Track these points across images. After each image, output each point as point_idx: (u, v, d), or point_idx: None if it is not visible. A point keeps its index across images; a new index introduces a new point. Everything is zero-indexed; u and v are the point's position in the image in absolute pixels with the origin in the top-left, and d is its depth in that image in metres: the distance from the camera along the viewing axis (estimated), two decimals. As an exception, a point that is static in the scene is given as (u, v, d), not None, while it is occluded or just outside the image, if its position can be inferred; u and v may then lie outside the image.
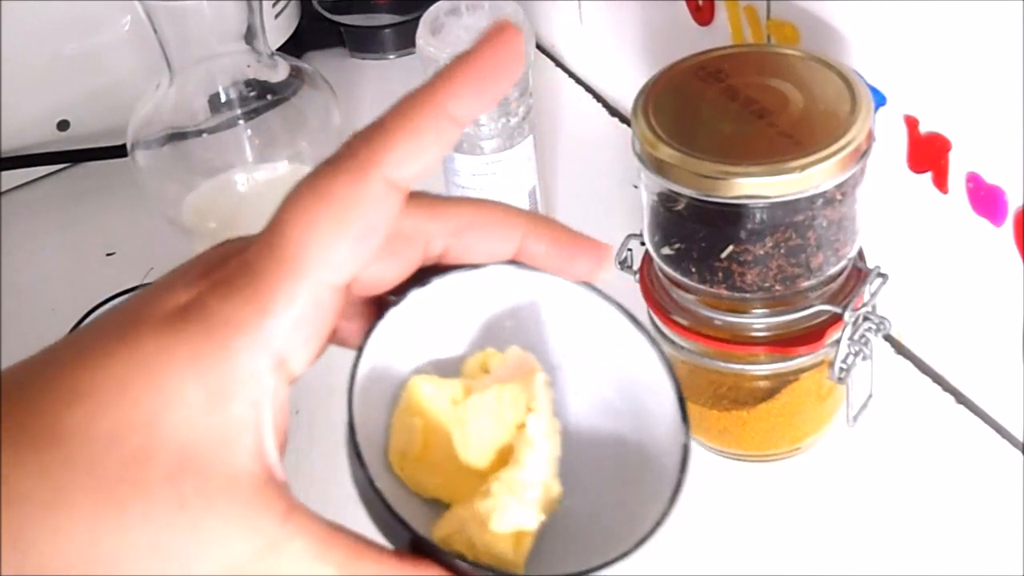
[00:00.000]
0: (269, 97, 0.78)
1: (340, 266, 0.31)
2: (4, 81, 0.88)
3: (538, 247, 0.36)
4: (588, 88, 0.96)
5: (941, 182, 0.63)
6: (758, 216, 0.57)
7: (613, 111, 0.93)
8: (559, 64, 0.99)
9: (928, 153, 0.63)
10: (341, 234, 0.31)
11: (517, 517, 0.35)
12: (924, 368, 0.70)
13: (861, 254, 0.63)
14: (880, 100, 0.64)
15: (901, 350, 0.71)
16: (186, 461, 0.30)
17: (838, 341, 0.61)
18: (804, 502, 0.65)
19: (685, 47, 0.64)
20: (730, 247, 0.58)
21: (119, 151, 0.82)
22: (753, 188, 0.55)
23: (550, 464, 0.37)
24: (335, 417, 0.74)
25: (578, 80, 0.97)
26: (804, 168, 0.55)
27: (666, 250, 0.61)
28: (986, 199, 0.61)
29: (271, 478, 0.31)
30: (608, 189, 0.85)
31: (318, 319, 0.32)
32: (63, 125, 0.92)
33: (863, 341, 0.61)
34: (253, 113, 0.78)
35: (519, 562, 0.36)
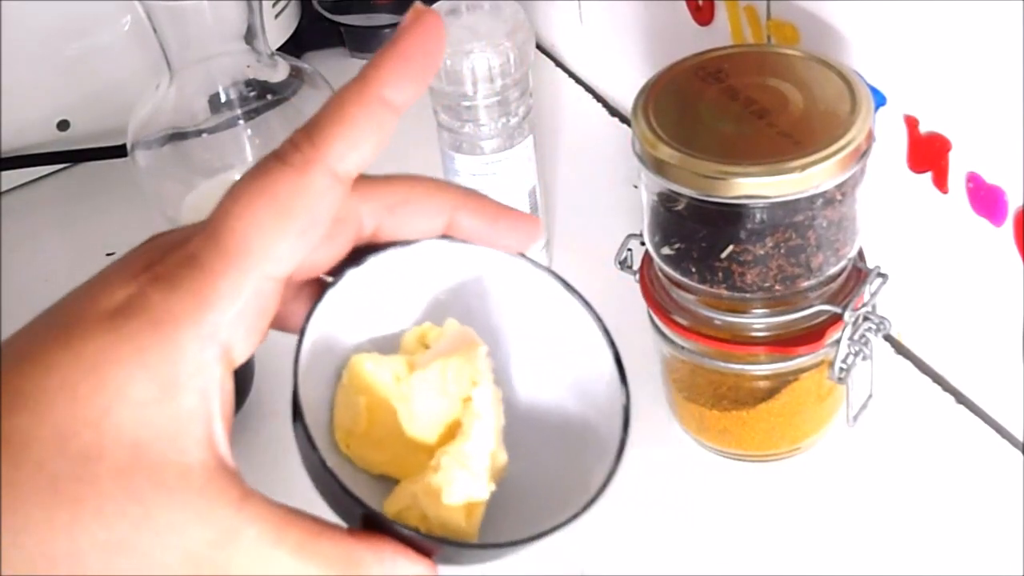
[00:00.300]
0: (269, 97, 0.78)
1: (283, 259, 0.32)
2: (4, 81, 0.88)
3: (468, 221, 0.37)
4: (588, 88, 0.96)
5: (941, 182, 0.63)
6: (758, 216, 0.57)
7: (613, 111, 0.93)
8: (559, 64, 0.99)
9: (928, 153, 0.63)
10: (285, 228, 0.32)
11: (468, 488, 0.36)
12: (924, 368, 0.70)
13: (861, 254, 0.63)
14: (880, 100, 0.64)
15: (901, 350, 0.71)
16: (137, 455, 0.30)
17: (838, 341, 0.61)
18: (804, 502, 0.65)
19: (685, 47, 0.64)
20: (730, 247, 0.58)
21: (119, 151, 0.82)
22: (753, 188, 0.55)
23: (496, 434, 0.38)
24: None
25: (578, 80, 0.97)
26: (804, 168, 0.55)
27: (666, 250, 0.61)
28: (986, 199, 0.61)
29: (223, 467, 0.32)
30: (608, 189, 0.84)
31: (261, 309, 0.32)
32: (63, 125, 0.92)
33: (863, 341, 0.61)
34: (253, 113, 0.78)
35: (472, 532, 0.37)
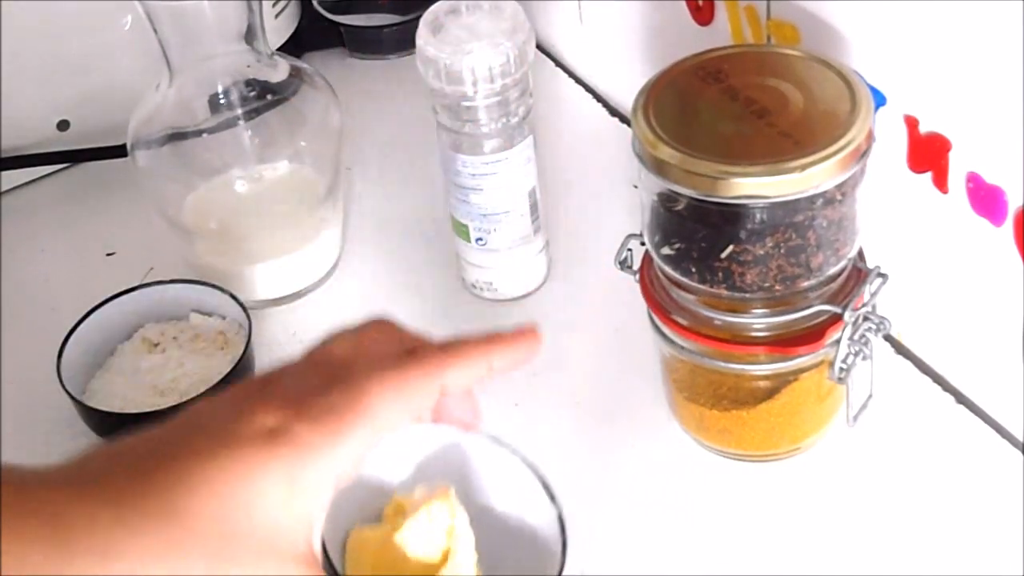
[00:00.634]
0: (269, 97, 0.78)
1: (392, 425, 0.45)
2: (4, 81, 0.88)
3: (500, 363, 0.48)
4: (588, 88, 0.96)
5: (941, 182, 0.63)
6: (758, 216, 0.57)
7: (613, 111, 0.93)
8: (559, 64, 0.99)
9: (928, 153, 0.63)
10: (403, 408, 0.45)
11: None
12: (924, 368, 0.70)
13: (861, 254, 0.63)
14: (880, 100, 0.64)
15: (901, 350, 0.71)
16: (268, 542, 0.42)
17: (838, 341, 0.61)
18: (804, 502, 0.65)
19: (685, 47, 0.64)
20: (730, 247, 0.58)
21: (119, 151, 0.82)
22: (753, 188, 0.55)
23: (473, 550, 0.49)
24: None
25: (578, 80, 0.97)
26: (804, 168, 0.55)
27: (666, 250, 0.61)
28: (986, 199, 0.61)
29: (313, 556, 0.44)
30: (608, 189, 0.84)
31: (365, 451, 0.44)
32: (63, 125, 0.92)
33: (863, 341, 0.61)
34: (253, 113, 0.78)
35: None
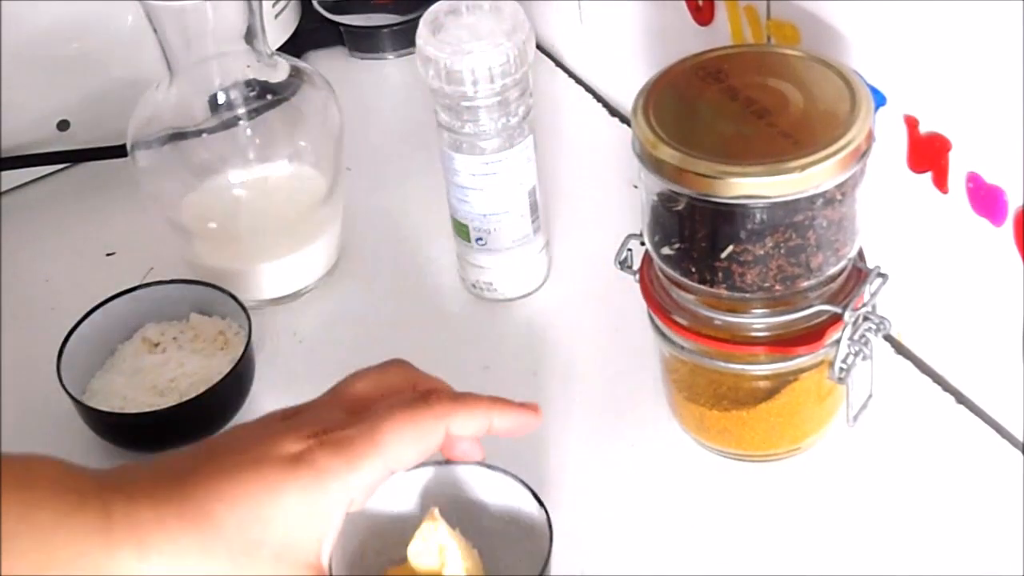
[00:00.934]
0: (269, 97, 0.78)
1: (403, 462, 0.53)
2: (4, 81, 0.88)
3: (500, 423, 0.56)
4: (588, 88, 0.96)
5: (941, 182, 0.63)
6: (758, 216, 0.57)
7: (613, 111, 0.93)
8: (559, 64, 0.99)
9: (928, 153, 0.63)
10: (414, 447, 0.53)
11: None
12: (924, 368, 0.70)
13: (861, 254, 0.63)
14: (880, 100, 0.64)
15: (901, 350, 0.71)
16: (285, 550, 0.51)
17: (838, 341, 0.61)
18: (804, 502, 0.65)
19: (685, 47, 0.64)
20: (730, 247, 0.58)
21: (119, 151, 0.82)
22: (753, 188, 0.55)
23: (461, 550, 0.56)
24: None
25: (578, 80, 0.97)
26: (804, 168, 0.55)
27: (666, 250, 0.61)
28: (986, 199, 0.61)
29: (321, 567, 0.52)
30: (608, 189, 0.84)
31: (376, 483, 0.53)
32: (63, 125, 0.92)
33: (863, 341, 0.61)
34: (253, 113, 0.78)
35: None
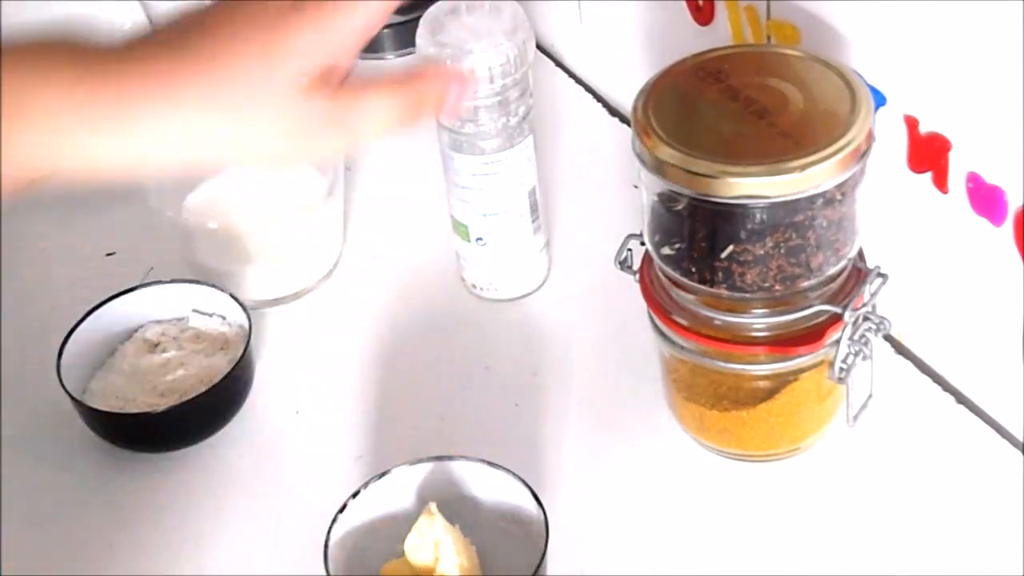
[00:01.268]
0: (269, 97, 0.78)
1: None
2: (4, 81, 0.88)
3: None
4: (588, 88, 0.96)
5: (941, 182, 0.63)
6: (758, 216, 0.57)
7: (613, 111, 0.93)
8: (559, 64, 0.98)
9: (928, 153, 0.63)
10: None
11: None
12: (924, 368, 0.70)
13: (861, 254, 0.63)
14: (880, 100, 0.64)
15: (901, 350, 0.71)
16: (264, 73, 0.51)
17: (838, 341, 0.61)
18: (804, 502, 0.65)
19: (685, 47, 0.64)
20: (730, 247, 0.58)
21: (119, 151, 0.82)
22: (753, 188, 0.55)
23: (455, 544, 0.58)
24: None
25: (578, 80, 0.97)
26: (804, 168, 0.55)
27: (666, 250, 0.61)
28: (986, 199, 0.61)
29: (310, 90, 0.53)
30: (608, 189, 0.84)
31: (338, 42, 0.56)
32: (63, 125, 0.92)
33: (863, 341, 0.61)
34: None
35: None
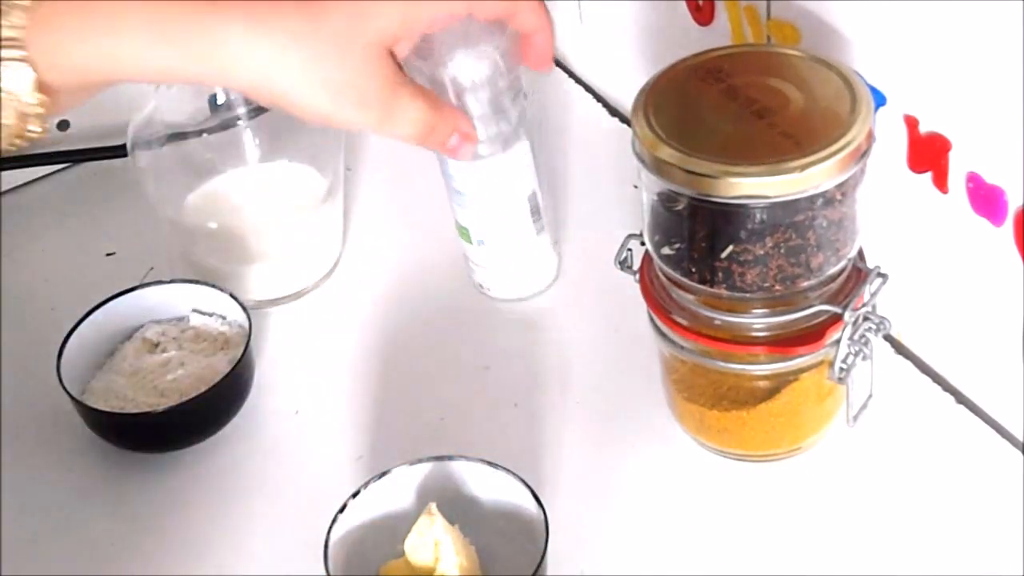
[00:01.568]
0: (269, 97, 0.78)
1: None
2: (4, 81, 0.88)
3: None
4: (588, 88, 0.96)
5: (941, 182, 0.63)
6: (758, 216, 0.57)
7: (613, 111, 0.93)
8: (559, 64, 0.99)
9: (928, 153, 0.63)
10: None
11: None
12: (924, 368, 0.70)
13: (861, 254, 0.63)
14: (880, 100, 0.64)
15: (901, 350, 0.71)
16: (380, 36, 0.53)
17: (838, 341, 0.61)
18: (804, 502, 0.65)
19: (685, 47, 0.64)
20: (730, 247, 0.58)
21: (119, 151, 0.82)
22: (753, 188, 0.55)
23: (454, 544, 0.58)
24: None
25: (578, 80, 0.97)
26: (804, 168, 0.55)
27: (666, 250, 0.61)
28: (986, 199, 0.61)
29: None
30: (608, 189, 0.84)
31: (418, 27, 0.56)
32: (63, 125, 0.92)
33: (863, 341, 0.61)
34: (253, 113, 0.78)
35: None
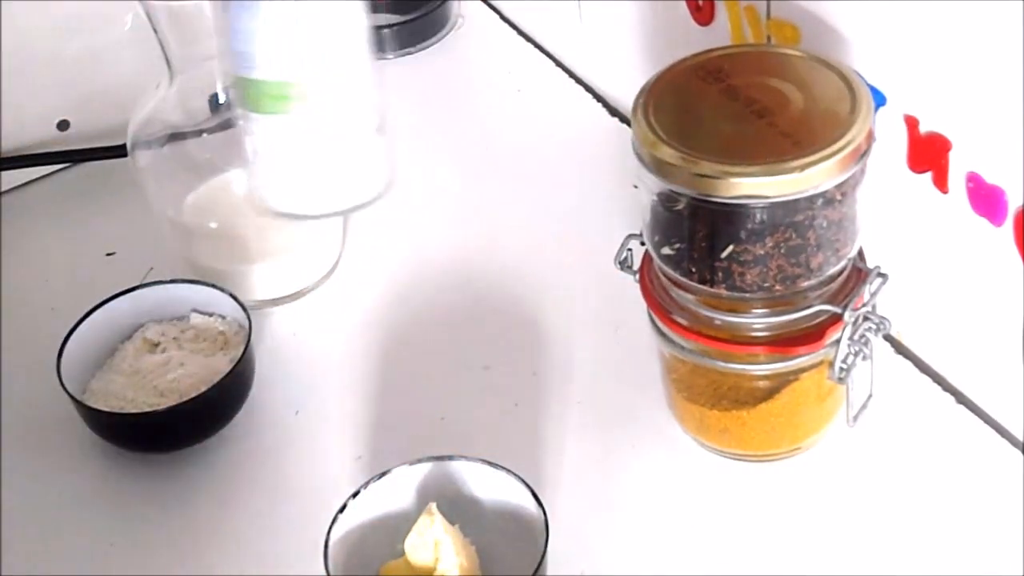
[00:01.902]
0: (269, 97, 0.78)
1: None
2: (4, 81, 0.88)
3: None
4: (588, 88, 0.96)
5: (941, 182, 0.63)
6: (758, 216, 0.57)
7: (613, 111, 0.93)
8: (559, 64, 0.99)
9: (928, 153, 0.63)
10: None
11: None
12: (924, 368, 0.70)
13: (861, 254, 0.63)
14: (880, 100, 0.64)
15: (901, 350, 0.71)
16: None
17: (838, 341, 0.61)
18: (804, 502, 0.65)
19: (685, 47, 0.64)
20: (730, 247, 0.58)
21: (119, 151, 0.82)
22: (753, 188, 0.55)
23: (454, 544, 0.58)
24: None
25: (578, 80, 0.97)
26: (804, 168, 0.55)
27: (666, 250, 0.61)
28: (986, 199, 0.61)
29: None
30: (608, 189, 0.84)
31: None
32: (63, 125, 0.92)
33: (863, 341, 0.61)
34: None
35: None
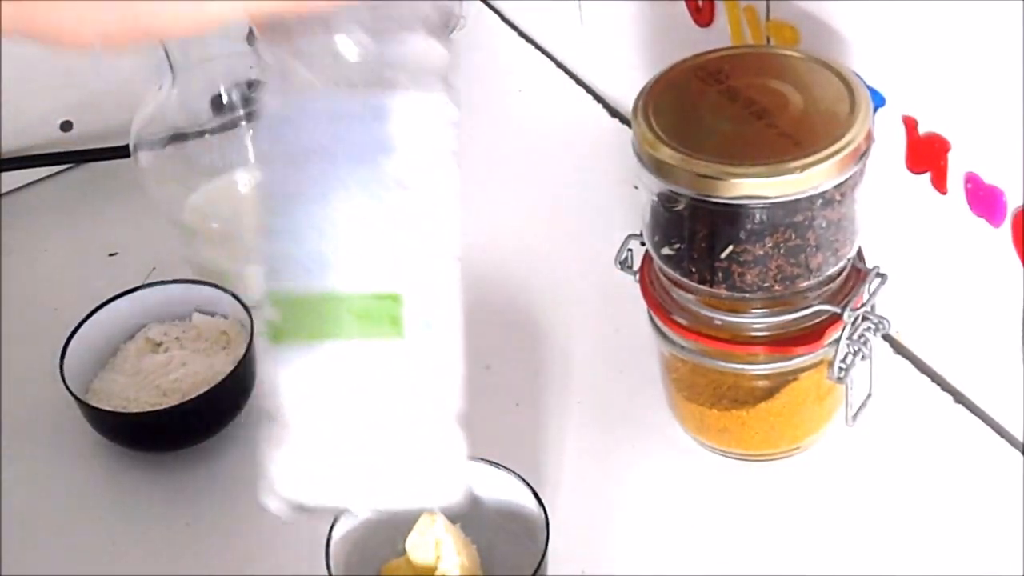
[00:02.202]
0: (271, 98, 0.78)
1: None
2: (7, 82, 0.88)
3: None
4: (588, 88, 0.96)
5: (940, 182, 0.63)
6: (758, 216, 0.57)
7: (613, 112, 0.93)
8: (559, 64, 0.99)
9: (927, 153, 0.63)
10: None
11: None
12: (923, 368, 0.70)
13: (860, 254, 0.63)
14: (879, 101, 0.64)
15: (900, 350, 0.71)
16: None
17: (837, 341, 0.61)
18: (804, 502, 0.65)
19: (685, 48, 0.64)
20: (730, 247, 0.58)
21: (122, 152, 0.82)
22: (753, 188, 0.55)
23: (455, 545, 0.58)
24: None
25: (578, 80, 0.97)
26: (804, 168, 0.55)
27: (666, 250, 0.61)
28: (985, 199, 0.61)
29: None
30: (608, 189, 0.85)
31: None
32: (66, 126, 0.92)
33: (862, 341, 0.61)
34: (255, 114, 0.78)
35: None
